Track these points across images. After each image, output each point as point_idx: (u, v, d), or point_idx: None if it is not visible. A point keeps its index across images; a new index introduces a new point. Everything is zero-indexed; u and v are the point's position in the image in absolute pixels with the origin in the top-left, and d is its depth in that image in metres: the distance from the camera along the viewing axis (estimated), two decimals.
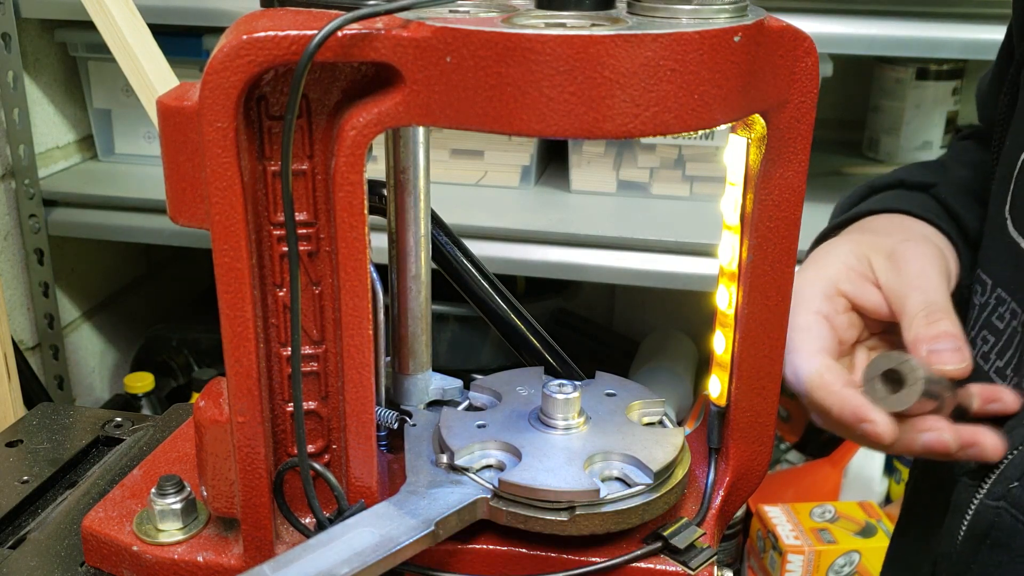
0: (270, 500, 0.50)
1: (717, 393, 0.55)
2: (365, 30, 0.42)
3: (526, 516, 0.50)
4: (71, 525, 0.60)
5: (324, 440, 0.52)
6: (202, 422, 0.50)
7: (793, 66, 0.46)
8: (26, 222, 1.51)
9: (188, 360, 1.72)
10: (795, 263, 0.51)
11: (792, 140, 0.48)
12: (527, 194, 1.52)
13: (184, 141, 0.45)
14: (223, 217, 0.44)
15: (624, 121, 0.41)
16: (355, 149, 0.44)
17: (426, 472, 0.52)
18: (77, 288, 1.69)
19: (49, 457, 0.69)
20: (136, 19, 1.02)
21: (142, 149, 1.64)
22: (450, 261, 0.67)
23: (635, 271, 1.34)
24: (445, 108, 0.42)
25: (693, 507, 0.55)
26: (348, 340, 0.48)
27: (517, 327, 0.68)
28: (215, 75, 0.42)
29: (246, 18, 0.44)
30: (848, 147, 1.70)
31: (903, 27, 1.23)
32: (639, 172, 1.48)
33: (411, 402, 0.61)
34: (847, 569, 1.31)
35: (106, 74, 1.58)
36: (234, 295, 0.46)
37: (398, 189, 0.57)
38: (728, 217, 0.52)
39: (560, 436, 0.54)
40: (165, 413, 0.74)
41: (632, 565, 0.50)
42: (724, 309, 0.53)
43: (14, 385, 1.12)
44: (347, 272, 0.47)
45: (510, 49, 0.40)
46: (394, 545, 0.46)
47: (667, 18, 0.43)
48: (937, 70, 1.54)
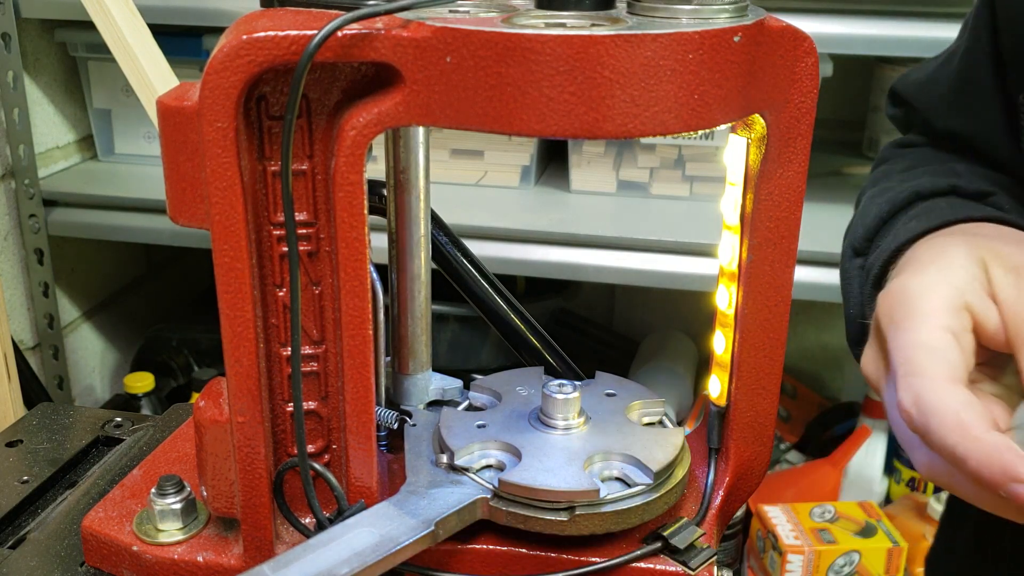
0: (270, 500, 0.50)
1: (717, 393, 0.55)
2: (365, 30, 0.42)
3: (526, 516, 0.50)
4: (71, 525, 0.60)
5: (324, 440, 0.52)
6: (202, 422, 0.50)
7: (793, 66, 0.46)
8: (26, 222, 1.51)
9: (188, 360, 1.72)
10: (795, 263, 0.51)
11: (792, 140, 0.48)
12: (527, 194, 1.52)
13: (184, 141, 0.45)
14: (223, 217, 0.44)
15: (624, 121, 0.41)
16: (355, 149, 0.44)
17: (426, 472, 0.52)
18: (77, 288, 1.69)
19: (49, 457, 0.69)
20: (136, 19, 1.02)
21: (142, 149, 1.64)
22: (450, 261, 0.67)
23: (635, 271, 1.33)
24: (445, 108, 0.42)
25: (693, 507, 0.55)
26: (348, 340, 0.48)
27: (517, 327, 0.68)
28: (215, 75, 0.42)
29: (246, 18, 0.44)
30: (848, 147, 1.70)
31: (903, 27, 1.23)
32: (639, 172, 1.48)
33: (411, 402, 0.61)
34: (847, 569, 1.31)
35: (106, 74, 1.58)
36: (234, 295, 0.46)
37: (398, 189, 0.57)
38: (728, 217, 0.52)
39: (560, 436, 0.54)
40: (165, 413, 0.74)
41: (632, 565, 0.50)
42: (724, 309, 0.53)
43: (14, 385, 1.12)
44: (347, 272, 0.47)
45: (510, 49, 0.40)
46: (394, 545, 0.46)
47: (667, 18, 0.43)
48: None
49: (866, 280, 0.67)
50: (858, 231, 0.71)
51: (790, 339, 0.56)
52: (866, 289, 0.67)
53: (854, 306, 0.69)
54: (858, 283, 0.69)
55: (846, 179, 1.55)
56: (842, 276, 0.73)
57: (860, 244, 0.70)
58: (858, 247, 0.71)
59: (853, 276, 0.70)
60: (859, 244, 0.70)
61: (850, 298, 0.70)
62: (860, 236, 0.70)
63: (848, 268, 0.72)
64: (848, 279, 0.71)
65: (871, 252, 0.68)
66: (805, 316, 1.89)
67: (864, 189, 0.80)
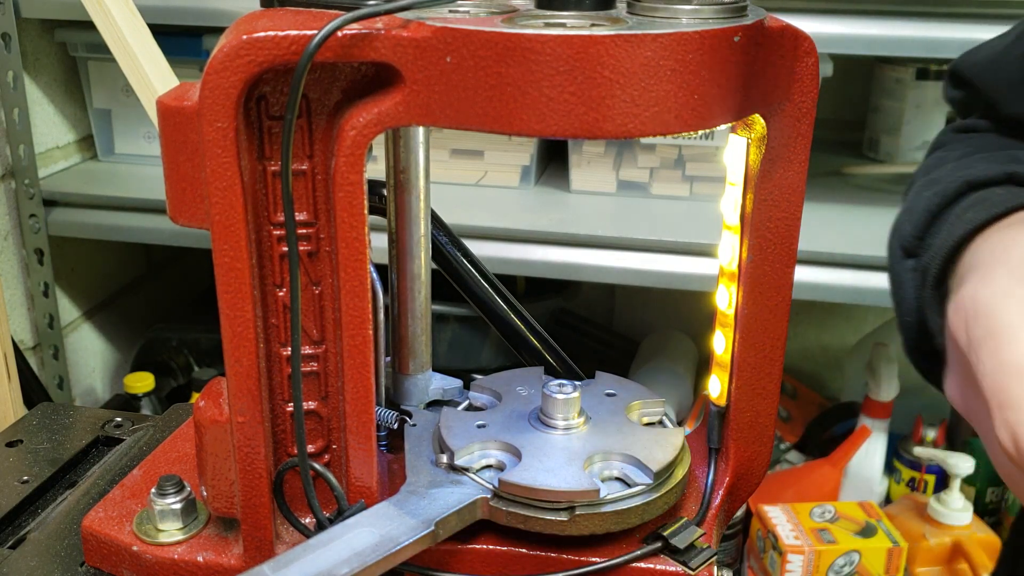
0: (270, 500, 0.50)
1: (717, 393, 0.55)
2: (365, 30, 0.42)
3: (526, 516, 0.50)
4: (71, 525, 0.60)
5: (324, 440, 0.52)
6: (202, 422, 0.50)
7: (793, 66, 0.46)
8: (26, 222, 1.51)
9: (188, 360, 1.72)
10: (795, 263, 0.51)
11: (792, 140, 0.48)
12: (527, 194, 1.52)
13: (184, 141, 0.45)
14: (223, 217, 0.44)
15: (624, 121, 0.41)
16: (355, 149, 0.44)
17: (426, 472, 0.52)
18: (77, 288, 1.69)
19: (49, 457, 0.69)
20: (136, 19, 1.01)
21: (142, 149, 1.64)
22: (450, 261, 0.67)
23: (635, 271, 1.33)
24: (445, 108, 0.42)
25: (693, 507, 0.55)
26: (348, 340, 0.48)
27: (517, 327, 0.68)
28: (215, 75, 0.42)
29: (246, 18, 0.44)
30: (848, 147, 1.70)
31: (903, 27, 1.23)
32: (639, 172, 1.48)
33: (411, 402, 0.61)
34: (847, 569, 1.31)
35: (106, 74, 1.58)
36: (234, 295, 0.46)
37: (398, 189, 0.57)
38: (728, 217, 0.52)
39: (560, 436, 0.53)
40: (165, 413, 0.74)
41: (632, 565, 0.50)
42: (724, 309, 0.53)
43: (14, 385, 1.12)
44: (347, 272, 0.47)
45: (510, 49, 0.40)
46: (394, 545, 0.46)
47: (667, 18, 0.43)
48: (937, 70, 1.54)
49: (922, 283, 0.61)
50: (906, 229, 0.65)
51: (790, 339, 0.56)
52: (924, 293, 0.61)
53: (909, 312, 0.63)
54: (913, 286, 0.63)
55: (846, 179, 1.55)
56: (892, 280, 0.66)
57: (910, 243, 0.64)
58: (908, 247, 0.64)
59: (906, 279, 0.64)
60: (909, 243, 0.64)
61: (904, 303, 0.64)
62: (909, 234, 0.64)
63: (899, 271, 0.65)
64: (900, 283, 0.64)
65: (923, 251, 0.62)
66: (805, 316, 1.89)
67: (915, 178, 0.73)
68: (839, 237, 1.29)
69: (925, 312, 0.61)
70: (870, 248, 1.26)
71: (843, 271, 1.27)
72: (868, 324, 1.83)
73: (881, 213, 1.41)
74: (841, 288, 1.27)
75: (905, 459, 1.53)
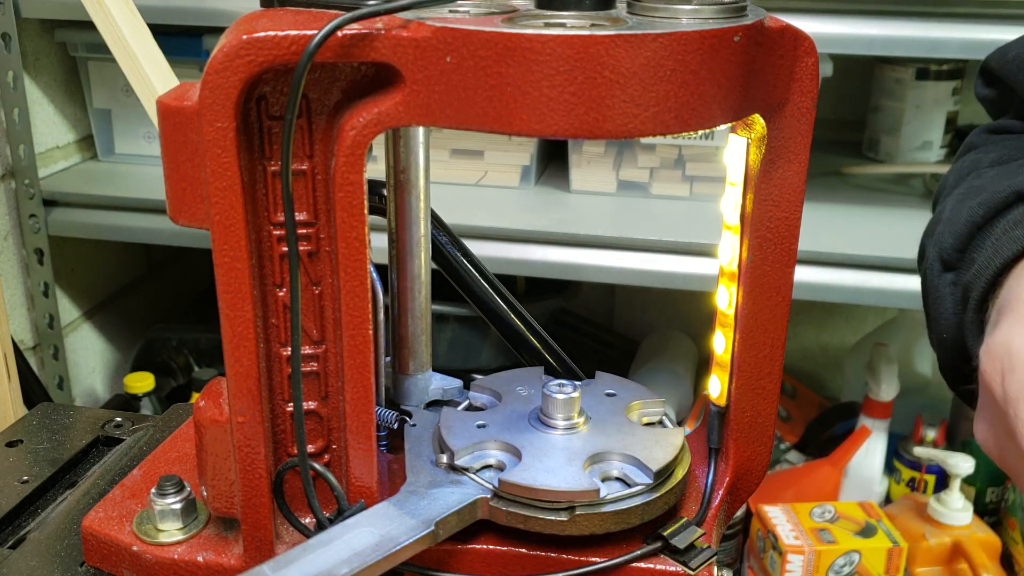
0: (270, 500, 0.50)
1: (717, 393, 0.55)
2: (365, 30, 0.42)
3: (526, 516, 0.50)
4: (71, 525, 0.60)
5: (324, 440, 0.52)
6: (202, 422, 0.50)
7: (793, 66, 0.46)
8: (26, 222, 1.51)
9: (188, 360, 1.72)
10: (795, 263, 0.51)
11: (792, 140, 0.48)
12: (527, 194, 1.52)
13: (184, 141, 0.45)
14: (223, 217, 0.44)
15: (624, 121, 0.41)
16: (355, 149, 0.44)
17: (426, 472, 0.52)
18: (77, 288, 1.69)
19: (49, 457, 0.69)
20: (136, 19, 1.01)
21: (142, 149, 1.64)
22: (450, 261, 0.67)
23: (635, 271, 1.33)
24: (445, 108, 0.42)
25: (693, 507, 0.55)
26: (348, 340, 0.48)
27: (517, 327, 0.68)
28: (215, 75, 0.42)
29: (246, 18, 0.44)
30: (848, 147, 1.70)
31: (903, 27, 1.23)
32: (639, 172, 1.48)
33: (411, 402, 0.61)
34: (847, 569, 1.31)
35: (106, 74, 1.58)
36: (234, 295, 0.46)
37: (398, 189, 0.57)
38: (728, 217, 0.52)
39: (560, 436, 0.53)
40: (165, 413, 0.74)
41: (632, 565, 0.50)
42: (724, 309, 0.53)
43: (14, 385, 1.12)
44: (347, 272, 0.47)
45: (510, 49, 0.40)
46: (394, 545, 0.46)
47: (667, 18, 0.43)
48: (937, 70, 1.54)
49: (963, 304, 0.58)
50: (946, 240, 0.61)
51: (790, 339, 0.55)
52: (966, 317, 0.57)
53: (947, 329, 0.60)
54: (951, 303, 0.60)
55: (846, 179, 1.55)
56: (928, 292, 0.63)
57: (950, 255, 0.60)
58: (948, 259, 0.60)
59: (944, 295, 0.60)
60: (949, 255, 0.60)
61: (941, 320, 0.61)
62: (950, 246, 0.60)
63: (937, 284, 0.61)
64: (938, 297, 0.61)
65: (965, 266, 0.59)
66: (805, 316, 1.89)
67: (945, 181, 0.69)
68: (839, 237, 1.29)
69: (965, 334, 0.58)
70: (870, 248, 1.26)
71: (843, 271, 1.27)
72: (868, 324, 1.83)
73: (881, 213, 1.41)
74: (841, 288, 1.27)
75: (905, 459, 1.53)
